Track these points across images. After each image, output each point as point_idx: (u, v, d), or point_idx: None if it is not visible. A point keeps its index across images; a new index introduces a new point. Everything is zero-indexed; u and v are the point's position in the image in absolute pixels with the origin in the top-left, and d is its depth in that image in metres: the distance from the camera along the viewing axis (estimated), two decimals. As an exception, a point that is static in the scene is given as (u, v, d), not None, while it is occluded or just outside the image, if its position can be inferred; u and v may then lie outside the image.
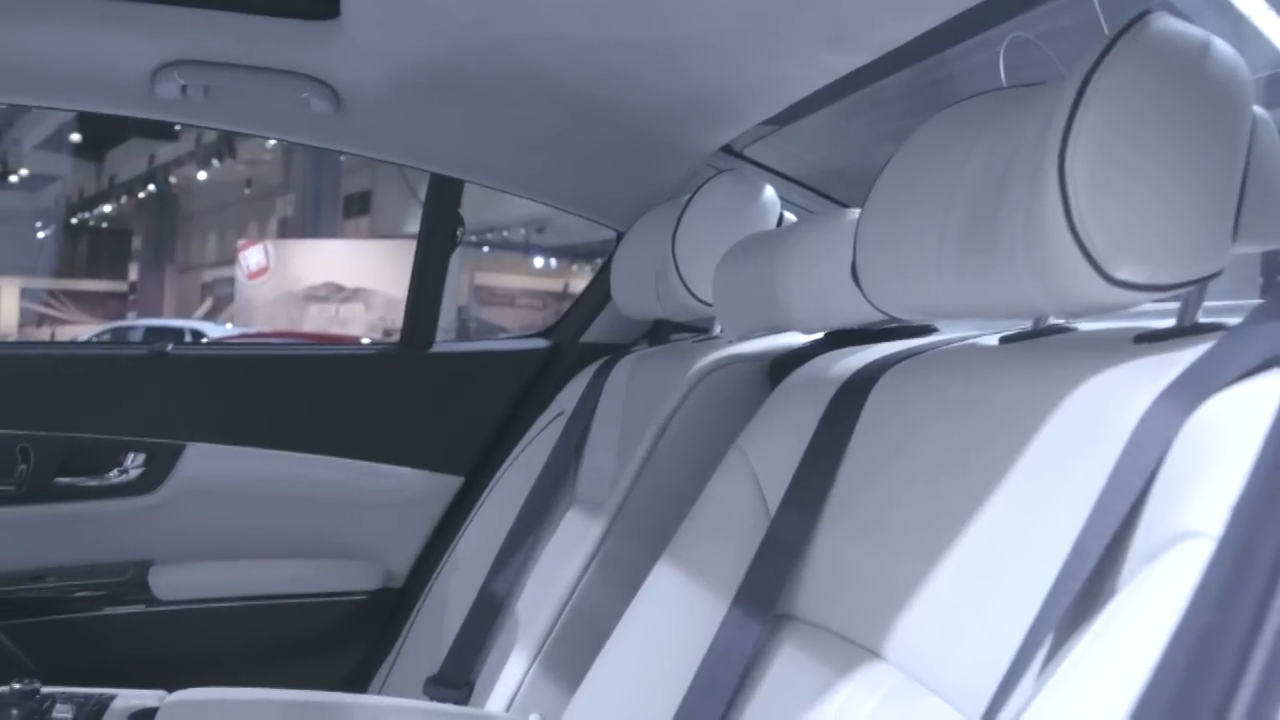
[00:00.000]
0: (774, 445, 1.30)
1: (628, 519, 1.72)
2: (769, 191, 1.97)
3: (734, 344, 1.82)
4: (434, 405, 2.48)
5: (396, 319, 2.75)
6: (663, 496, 1.70)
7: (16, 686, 1.44)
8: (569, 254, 18.03)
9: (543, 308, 17.92)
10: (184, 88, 1.85)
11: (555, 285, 18.15)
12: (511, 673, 1.74)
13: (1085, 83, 0.84)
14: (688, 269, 1.88)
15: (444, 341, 2.50)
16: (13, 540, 2.23)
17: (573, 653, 1.67)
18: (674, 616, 1.28)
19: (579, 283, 17.12)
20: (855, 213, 1.46)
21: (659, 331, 2.27)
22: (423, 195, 2.41)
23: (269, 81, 1.87)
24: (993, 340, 1.15)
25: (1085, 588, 0.75)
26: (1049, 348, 1.03)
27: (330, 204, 19.49)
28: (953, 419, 1.05)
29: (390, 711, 1.61)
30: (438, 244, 2.41)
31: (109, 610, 2.27)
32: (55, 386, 2.26)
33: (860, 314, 1.47)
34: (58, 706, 1.43)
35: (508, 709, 1.69)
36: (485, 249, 17.97)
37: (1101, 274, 0.84)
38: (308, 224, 19.28)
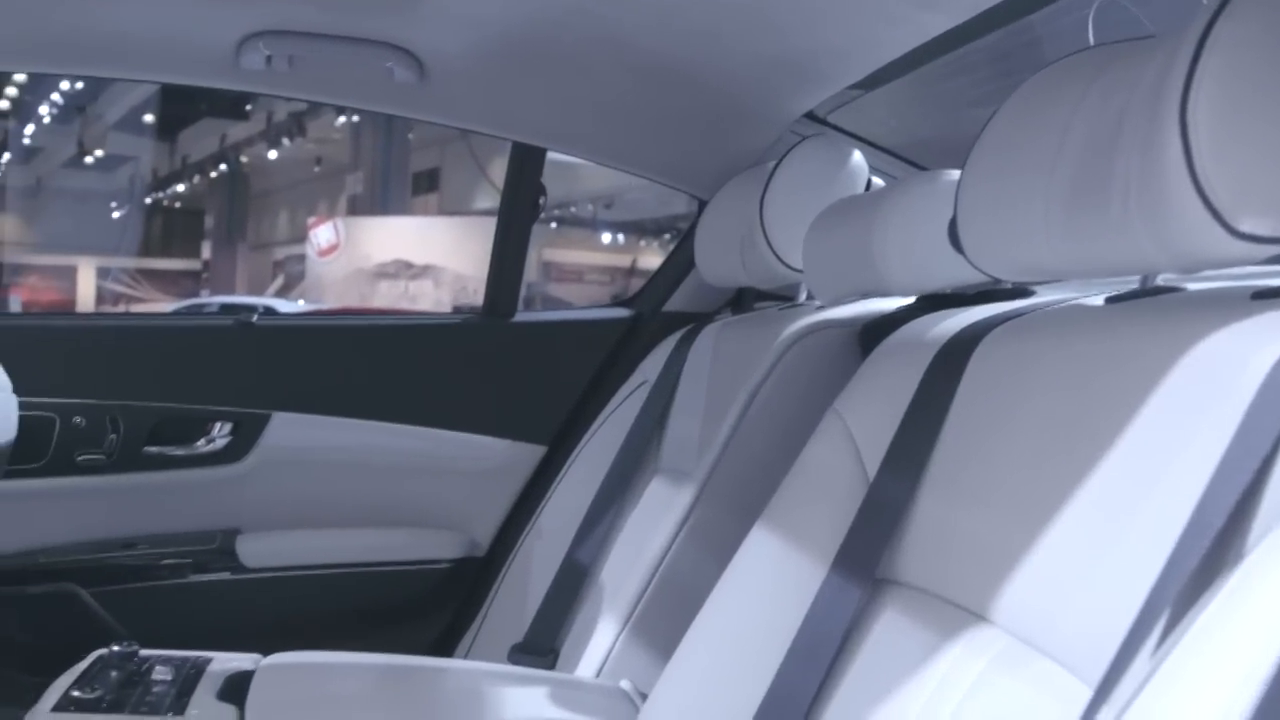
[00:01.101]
0: (872, 408, 1.28)
1: (717, 486, 1.71)
2: (857, 156, 1.94)
3: (821, 310, 1.81)
4: (516, 374, 2.48)
5: (464, 295, 2.75)
6: (752, 463, 1.69)
7: (116, 649, 1.47)
8: (637, 229, 17.99)
9: (610, 283, 17.89)
10: (269, 58, 1.87)
11: (623, 261, 18.13)
12: (599, 640, 1.74)
13: (1207, 30, 0.82)
14: (775, 235, 1.86)
15: (526, 311, 2.50)
16: (103, 508, 2.26)
17: (662, 620, 1.67)
18: (770, 582, 1.27)
19: (647, 258, 17.10)
20: (953, 174, 1.44)
21: (742, 299, 2.26)
22: (491, 173, 2.42)
23: (353, 51, 1.88)
24: (1098, 301, 1.13)
25: (1212, 548, 0.73)
26: (1160, 306, 1.00)
27: (399, 181, 19.57)
28: (1061, 379, 1.03)
29: (483, 676, 1.62)
30: (519, 213, 2.41)
31: (197, 577, 2.30)
32: (143, 357, 2.29)
33: (959, 276, 1.45)
34: (156, 668, 1.46)
35: (596, 676, 1.69)
36: (553, 225, 17.98)
37: (1224, 226, 0.82)
38: (377, 201, 19.38)
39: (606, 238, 18.37)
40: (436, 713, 1.48)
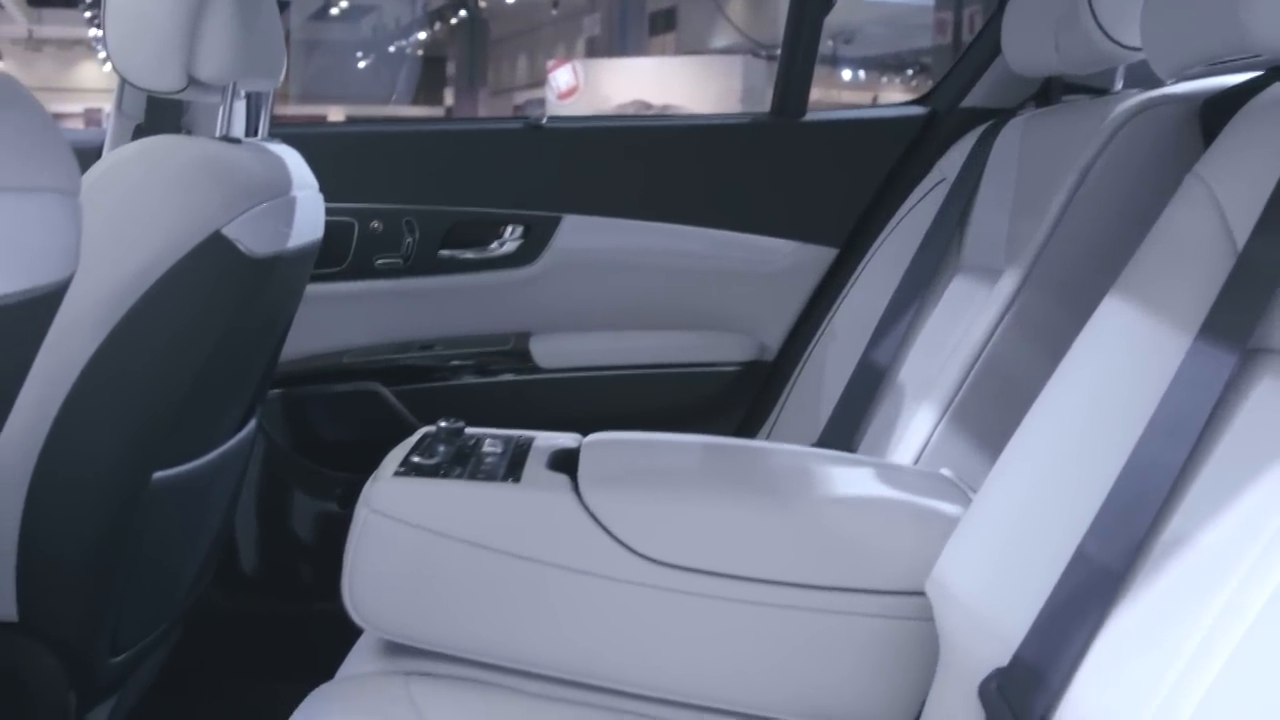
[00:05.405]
0: (1242, 171, 1.18)
1: (1042, 275, 1.64)
2: None
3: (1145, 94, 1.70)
4: (806, 175, 2.42)
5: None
6: (1082, 248, 1.62)
7: (444, 424, 1.50)
8: (877, 65, 17.54)
9: (851, 120, 17.52)
10: None
11: (863, 98, 17.72)
12: (912, 434, 1.70)
13: None
14: (1103, 10, 1.75)
15: (818, 110, 2.44)
16: (401, 310, 2.33)
17: (983, 411, 1.62)
18: (1124, 357, 1.20)
19: (888, 94, 16.67)
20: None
21: (1049, 92, 2.14)
22: (729, 10, 2.33)
23: None
24: None
25: None
26: None
27: (636, 22, 19.45)
28: None
29: (807, 455, 1.61)
30: (811, 6, 2.33)
31: (492, 378, 2.36)
32: (436, 162, 2.33)
33: None
34: (486, 442, 1.49)
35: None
36: (792, 62, 17.64)
37: None
38: (614, 43, 19.34)
39: (847, 74, 17.95)
40: (766, 485, 1.47)
